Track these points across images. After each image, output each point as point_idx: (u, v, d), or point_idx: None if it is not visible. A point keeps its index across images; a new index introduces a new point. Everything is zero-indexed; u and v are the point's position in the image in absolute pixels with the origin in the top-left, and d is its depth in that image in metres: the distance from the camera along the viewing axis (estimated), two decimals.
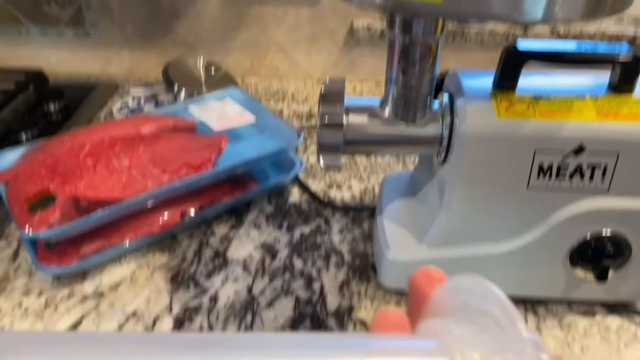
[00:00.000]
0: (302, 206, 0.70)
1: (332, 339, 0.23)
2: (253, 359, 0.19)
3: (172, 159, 0.62)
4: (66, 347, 0.19)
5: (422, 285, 0.26)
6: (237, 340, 0.21)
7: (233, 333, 0.20)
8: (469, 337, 0.22)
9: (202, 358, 0.19)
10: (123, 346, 0.19)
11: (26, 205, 0.56)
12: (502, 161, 0.48)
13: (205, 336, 0.22)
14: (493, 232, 0.52)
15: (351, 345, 0.22)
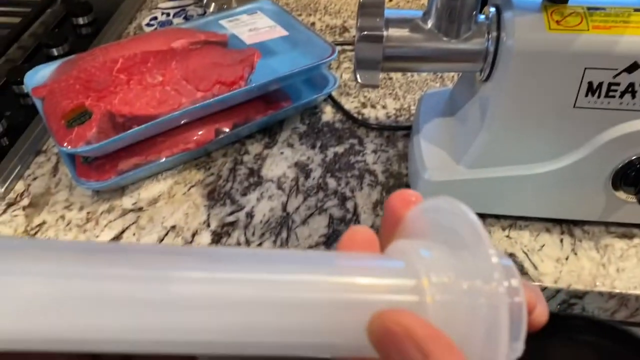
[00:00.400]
0: (336, 125, 0.69)
1: (299, 256, 0.22)
2: (214, 273, 0.19)
3: (205, 76, 0.61)
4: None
5: (396, 207, 0.25)
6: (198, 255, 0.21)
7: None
8: (438, 260, 0.21)
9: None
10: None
11: (63, 121, 0.56)
12: (550, 78, 0.46)
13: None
14: (534, 152, 0.51)
15: (317, 262, 0.21)
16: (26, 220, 0.57)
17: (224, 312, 0.18)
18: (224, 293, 0.19)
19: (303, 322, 0.19)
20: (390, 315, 0.19)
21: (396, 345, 0.18)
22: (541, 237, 0.55)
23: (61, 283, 0.17)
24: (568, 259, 0.53)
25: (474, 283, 0.19)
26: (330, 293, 0.20)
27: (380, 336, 0.19)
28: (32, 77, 0.64)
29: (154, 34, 0.68)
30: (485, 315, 0.19)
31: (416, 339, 0.18)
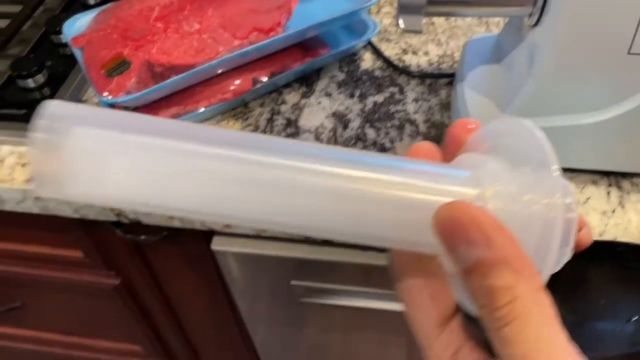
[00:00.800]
0: (375, 73, 0.67)
1: (377, 157, 0.24)
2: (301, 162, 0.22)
3: (241, 23, 0.60)
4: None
5: (457, 133, 0.25)
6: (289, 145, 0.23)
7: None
8: (502, 173, 0.22)
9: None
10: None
11: (103, 70, 0.56)
12: (603, 23, 0.43)
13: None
14: (585, 101, 0.49)
15: (390, 164, 0.23)
16: None
17: (325, 201, 0.21)
18: (314, 186, 0.21)
19: (377, 216, 0.22)
20: (458, 204, 0.20)
21: (461, 230, 0.20)
22: (587, 189, 0.54)
23: (219, 165, 0.21)
24: (615, 212, 0.52)
25: (534, 196, 0.21)
26: (402, 192, 0.21)
27: (446, 223, 0.20)
28: (70, 27, 0.64)
29: None
30: (541, 225, 0.20)
31: (481, 225, 0.20)
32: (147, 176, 0.20)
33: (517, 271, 0.19)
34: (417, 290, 0.24)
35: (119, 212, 0.58)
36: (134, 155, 0.20)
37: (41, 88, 0.66)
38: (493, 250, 0.19)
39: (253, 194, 0.21)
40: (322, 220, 0.22)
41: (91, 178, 0.20)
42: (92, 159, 0.20)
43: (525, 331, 0.18)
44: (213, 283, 0.75)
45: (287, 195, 0.21)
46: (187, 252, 0.70)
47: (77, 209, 0.59)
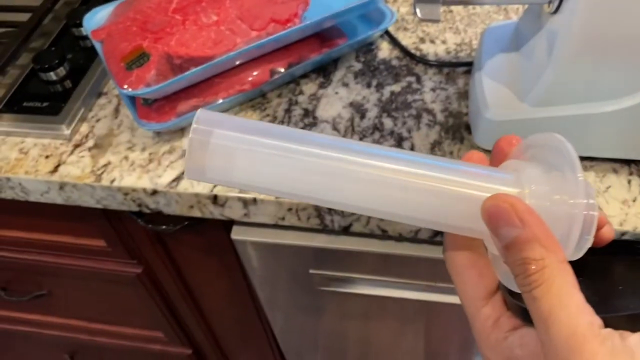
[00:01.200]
0: (392, 62, 0.67)
1: (427, 157, 0.29)
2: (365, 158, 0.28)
3: (259, 14, 0.60)
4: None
5: (503, 146, 0.31)
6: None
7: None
8: (538, 176, 0.27)
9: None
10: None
11: (123, 63, 0.57)
12: (625, 8, 0.43)
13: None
14: (605, 89, 0.48)
15: (443, 164, 0.28)
16: (92, 161, 0.60)
17: (388, 190, 0.28)
18: (390, 180, 0.28)
19: (438, 206, 0.28)
20: (501, 195, 0.26)
21: (502, 215, 0.25)
22: (607, 178, 0.53)
23: (292, 157, 0.28)
24: (635, 200, 0.51)
25: (562, 196, 0.26)
26: (459, 188, 0.28)
27: (491, 209, 0.26)
28: (90, 20, 0.64)
29: None
30: (567, 219, 0.26)
31: (518, 211, 0.25)
32: (260, 167, 0.28)
33: (546, 246, 0.24)
34: (468, 268, 0.30)
35: (140, 203, 0.59)
36: (253, 152, 0.28)
37: (63, 81, 0.68)
38: (527, 229, 0.25)
39: (342, 183, 0.28)
40: (397, 207, 0.28)
41: (223, 167, 0.28)
42: (225, 153, 0.27)
43: (551, 291, 0.24)
44: (233, 272, 0.76)
45: (366, 187, 0.28)
46: (208, 242, 0.71)
47: (100, 200, 0.60)
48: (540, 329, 0.24)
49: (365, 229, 0.57)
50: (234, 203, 0.56)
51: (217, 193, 0.56)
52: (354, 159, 0.28)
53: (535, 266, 0.24)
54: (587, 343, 0.22)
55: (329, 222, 0.57)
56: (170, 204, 0.59)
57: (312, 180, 0.28)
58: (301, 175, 0.28)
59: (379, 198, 0.28)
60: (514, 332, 0.27)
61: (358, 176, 0.28)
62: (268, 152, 0.28)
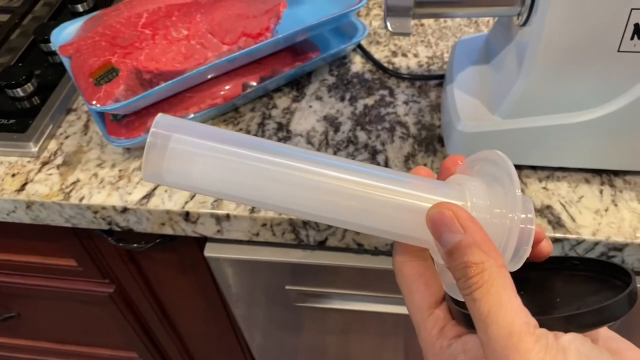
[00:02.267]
0: (365, 76, 0.67)
1: (379, 169, 0.30)
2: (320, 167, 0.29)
3: (230, 28, 0.60)
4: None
5: (449, 164, 0.33)
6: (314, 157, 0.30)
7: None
8: (479, 190, 0.29)
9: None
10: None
11: (91, 78, 0.56)
12: (592, 22, 0.43)
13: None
14: (574, 100, 0.48)
15: (392, 177, 0.30)
16: (61, 179, 0.58)
17: (342, 200, 0.29)
18: (341, 189, 0.29)
19: (386, 216, 0.29)
20: (444, 204, 0.28)
21: (445, 221, 0.27)
22: (580, 188, 0.53)
23: (248, 163, 0.28)
24: (608, 210, 0.52)
25: (502, 210, 0.28)
26: (406, 199, 0.29)
27: (435, 216, 0.27)
28: (58, 35, 0.63)
29: None
30: (504, 232, 0.28)
31: (459, 218, 0.27)
32: (217, 172, 0.28)
33: (485, 251, 0.26)
34: (416, 278, 0.31)
35: (110, 221, 0.58)
36: (211, 157, 0.28)
37: (30, 97, 0.66)
38: (467, 235, 0.26)
39: (296, 190, 0.29)
40: (346, 215, 0.29)
41: (181, 171, 0.28)
42: (183, 158, 0.28)
43: (490, 292, 0.25)
44: (207, 289, 0.75)
45: (319, 194, 0.29)
46: (181, 259, 0.70)
47: (69, 218, 0.59)
48: (479, 329, 0.25)
49: (341, 243, 0.56)
50: (206, 220, 0.55)
51: (189, 210, 0.55)
52: (309, 167, 0.29)
53: (475, 269, 0.25)
54: (522, 341, 0.24)
55: (304, 237, 0.56)
56: (141, 221, 0.57)
57: (266, 187, 0.29)
58: (256, 182, 0.29)
59: (330, 205, 0.29)
60: (458, 339, 0.28)
61: (312, 184, 0.29)
62: (225, 158, 0.28)
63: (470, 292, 0.25)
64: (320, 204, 0.29)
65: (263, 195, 0.29)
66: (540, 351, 0.23)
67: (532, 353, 0.23)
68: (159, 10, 0.61)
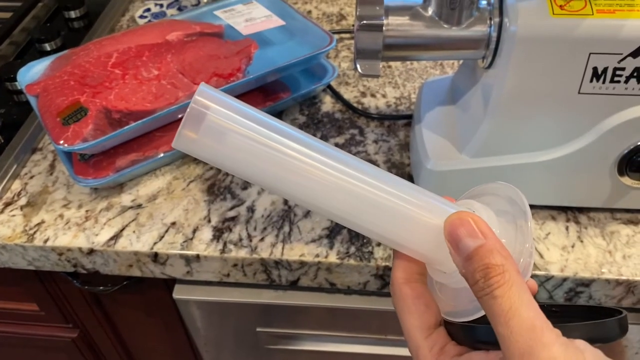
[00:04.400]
0: (336, 115, 0.68)
1: (393, 178, 0.32)
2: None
3: (201, 68, 0.60)
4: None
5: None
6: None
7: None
8: (491, 218, 0.31)
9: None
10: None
11: (59, 118, 0.55)
12: (554, 65, 0.45)
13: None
14: (539, 140, 0.50)
15: (402, 184, 0.32)
16: (24, 220, 0.57)
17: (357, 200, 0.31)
18: (364, 195, 0.31)
19: (394, 224, 0.31)
20: (461, 213, 0.29)
21: (466, 227, 0.28)
22: (547, 225, 0.55)
23: (276, 154, 0.30)
24: (574, 246, 0.53)
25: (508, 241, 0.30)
26: (416, 210, 0.31)
27: (455, 222, 0.28)
28: (25, 74, 0.62)
29: (148, 26, 0.67)
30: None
31: (479, 226, 0.28)
32: (243, 156, 0.30)
33: (505, 256, 0.27)
34: (415, 299, 0.32)
35: (76, 263, 0.56)
36: (239, 140, 0.30)
37: None
38: (488, 240, 0.28)
39: (316, 186, 0.30)
40: (359, 217, 0.31)
41: (212, 146, 0.30)
42: (216, 133, 0.29)
43: (511, 289, 0.26)
44: (176, 332, 0.73)
45: (337, 194, 0.30)
46: (148, 302, 0.68)
47: (32, 261, 0.57)
48: (499, 324, 0.26)
49: (313, 283, 0.56)
50: (175, 261, 0.54)
51: (157, 251, 0.54)
52: (334, 164, 0.30)
53: (497, 269, 0.27)
54: (545, 335, 0.25)
55: (276, 277, 0.56)
56: (108, 263, 0.56)
57: (288, 180, 0.30)
58: (279, 173, 0.30)
59: (346, 206, 0.31)
60: (460, 357, 0.29)
61: (334, 185, 0.30)
62: (255, 144, 0.30)
63: (491, 290, 0.26)
64: (336, 203, 0.30)
65: (283, 186, 0.31)
66: (562, 345, 0.25)
67: (555, 346, 0.24)
68: (129, 50, 0.61)
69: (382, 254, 0.52)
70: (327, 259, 0.52)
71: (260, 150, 0.30)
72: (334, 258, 0.52)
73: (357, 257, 0.52)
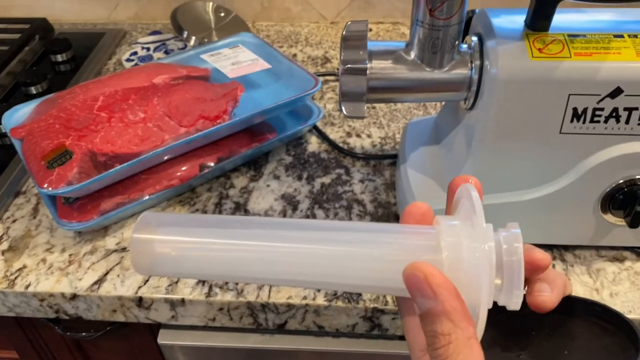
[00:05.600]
0: (322, 155, 0.68)
1: (363, 226, 0.32)
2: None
3: (188, 111, 0.61)
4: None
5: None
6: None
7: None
8: (455, 227, 0.29)
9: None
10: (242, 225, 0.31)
11: (43, 162, 0.55)
12: (535, 106, 0.46)
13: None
14: (522, 179, 0.51)
15: (375, 230, 0.31)
16: (5, 265, 0.56)
17: (315, 263, 0.29)
18: (317, 251, 0.29)
19: (364, 271, 0.30)
20: (416, 265, 0.27)
21: (417, 285, 0.27)
22: None
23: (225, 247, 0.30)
24: None
25: (472, 243, 0.27)
26: (384, 252, 0.30)
27: (408, 279, 0.27)
28: (10, 117, 0.62)
29: (135, 69, 0.67)
30: (478, 268, 0.27)
31: (432, 283, 0.26)
32: (203, 264, 0.30)
33: (455, 322, 0.26)
34: (411, 323, 0.32)
35: (58, 309, 0.55)
36: (195, 252, 0.30)
37: None
38: (438, 303, 0.26)
39: (281, 264, 0.30)
40: (328, 275, 0.30)
41: (171, 269, 0.31)
42: (170, 261, 0.30)
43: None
44: None
45: (303, 259, 0.29)
46: (132, 348, 0.66)
47: (12, 307, 0.56)
48: None
49: (301, 326, 0.55)
50: (160, 305, 0.53)
51: (142, 295, 0.53)
52: (287, 234, 0.30)
53: (442, 340, 0.26)
54: None
55: (262, 321, 0.55)
56: (91, 308, 0.55)
57: (252, 268, 0.30)
58: (237, 265, 0.30)
59: (314, 269, 0.30)
60: None
61: (293, 253, 0.30)
62: (207, 251, 0.30)
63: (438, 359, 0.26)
64: (301, 269, 0.30)
65: (244, 273, 0.31)
66: None
67: None
68: (115, 94, 0.61)
69: (370, 295, 0.52)
70: (314, 301, 0.52)
71: (215, 253, 0.30)
72: (322, 300, 0.52)
73: (345, 298, 0.52)
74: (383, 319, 0.53)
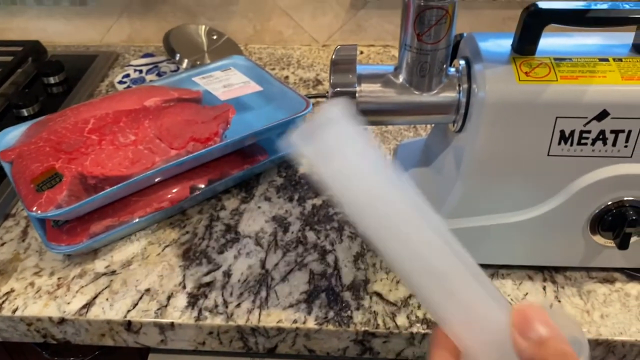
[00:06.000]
0: (313, 177, 0.68)
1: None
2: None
3: (179, 133, 0.61)
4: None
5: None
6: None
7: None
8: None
9: None
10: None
11: (33, 185, 0.55)
12: (522, 128, 0.47)
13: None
14: (511, 201, 0.51)
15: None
16: None
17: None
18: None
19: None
20: (535, 304, 0.30)
21: (538, 314, 0.28)
22: (524, 285, 0.55)
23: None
24: (552, 307, 0.53)
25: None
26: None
27: (528, 309, 0.29)
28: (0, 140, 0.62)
29: (127, 92, 0.67)
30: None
31: (541, 317, 0.28)
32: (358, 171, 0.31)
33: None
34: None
35: (46, 333, 0.54)
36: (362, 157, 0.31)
37: None
38: (559, 331, 0.28)
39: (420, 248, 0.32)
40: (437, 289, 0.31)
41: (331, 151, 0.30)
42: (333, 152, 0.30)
43: None
44: None
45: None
46: None
47: None
48: None
49: (292, 350, 0.54)
50: (149, 329, 0.53)
51: (131, 319, 0.52)
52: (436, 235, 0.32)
53: (574, 357, 0.27)
54: None
55: (252, 345, 0.54)
56: (79, 332, 0.54)
57: (393, 227, 0.31)
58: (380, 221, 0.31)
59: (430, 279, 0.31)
60: None
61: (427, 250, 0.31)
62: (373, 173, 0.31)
63: None
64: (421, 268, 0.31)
65: (377, 230, 0.31)
66: None
67: None
68: (106, 116, 0.61)
69: (361, 318, 0.52)
70: (305, 325, 0.51)
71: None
72: (312, 324, 0.51)
73: (335, 322, 0.51)
74: (374, 342, 0.52)
